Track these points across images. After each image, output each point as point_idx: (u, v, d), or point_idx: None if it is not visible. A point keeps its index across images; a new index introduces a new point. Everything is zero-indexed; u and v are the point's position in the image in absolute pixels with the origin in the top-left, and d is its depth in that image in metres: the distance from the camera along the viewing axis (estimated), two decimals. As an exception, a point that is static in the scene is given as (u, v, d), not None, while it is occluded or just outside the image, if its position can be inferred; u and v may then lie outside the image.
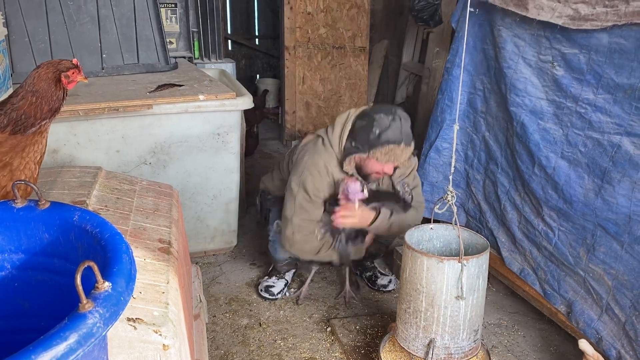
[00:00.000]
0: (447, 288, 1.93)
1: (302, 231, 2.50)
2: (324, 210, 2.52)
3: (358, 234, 2.60)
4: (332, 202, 2.50)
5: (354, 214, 2.44)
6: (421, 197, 2.70)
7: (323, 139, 2.51)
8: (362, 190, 2.40)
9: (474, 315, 1.99)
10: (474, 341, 2.04)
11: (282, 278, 2.91)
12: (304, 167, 2.48)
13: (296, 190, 2.48)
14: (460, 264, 1.89)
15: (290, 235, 2.52)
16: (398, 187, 2.57)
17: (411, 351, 2.08)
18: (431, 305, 1.97)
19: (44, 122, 1.34)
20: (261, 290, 2.86)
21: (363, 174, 2.46)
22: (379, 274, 2.98)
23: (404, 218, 2.54)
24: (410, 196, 2.55)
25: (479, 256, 1.93)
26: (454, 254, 2.16)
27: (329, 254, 2.59)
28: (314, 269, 2.89)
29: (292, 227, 2.50)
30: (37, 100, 1.32)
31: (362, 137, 2.35)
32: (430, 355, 1.99)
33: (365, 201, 2.47)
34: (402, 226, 2.51)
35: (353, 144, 2.39)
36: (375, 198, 2.52)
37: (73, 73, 1.39)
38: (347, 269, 2.86)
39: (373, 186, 2.59)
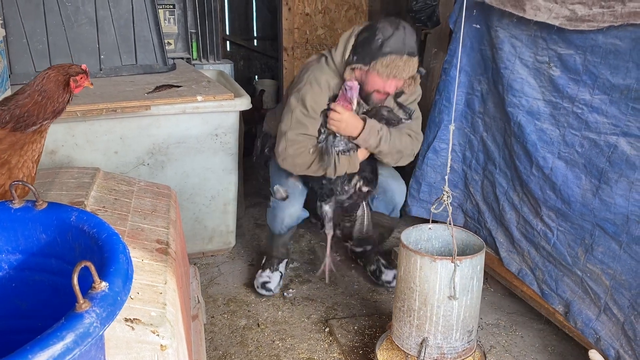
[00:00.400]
0: (439, 287, 1.94)
1: (295, 145, 2.43)
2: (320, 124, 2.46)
3: (350, 146, 2.47)
4: (328, 108, 2.44)
5: (343, 117, 2.36)
6: (419, 131, 2.62)
7: (326, 57, 2.47)
8: (352, 88, 2.31)
9: (467, 316, 2.00)
10: (468, 342, 2.04)
11: (276, 270, 2.88)
12: (305, 82, 2.43)
13: (294, 104, 2.42)
14: (453, 264, 1.90)
15: (283, 149, 2.45)
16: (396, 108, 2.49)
17: (405, 349, 2.09)
18: (424, 304, 1.98)
19: (45, 122, 1.35)
20: (257, 287, 2.84)
21: (364, 95, 2.41)
22: (383, 268, 2.93)
23: (397, 141, 2.49)
24: (407, 116, 2.49)
25: (472, 257, 1.93)
26: (446, 247, 2.18)
27: (321, 168, 2.49)
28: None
29: (285, 142, 2.44)
30: (42, 100, 1.34)
31: (363, 48, 2.30)
32: (422, 354, 2.00)
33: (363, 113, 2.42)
34: (394, 148, 2.48)
35: (354, 57, 2.34)
36: (377, 109, 2.47)
37: (81, 78, 1.42)
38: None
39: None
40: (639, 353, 1.98)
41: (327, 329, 2.59)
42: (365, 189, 2.65)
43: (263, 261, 2.98)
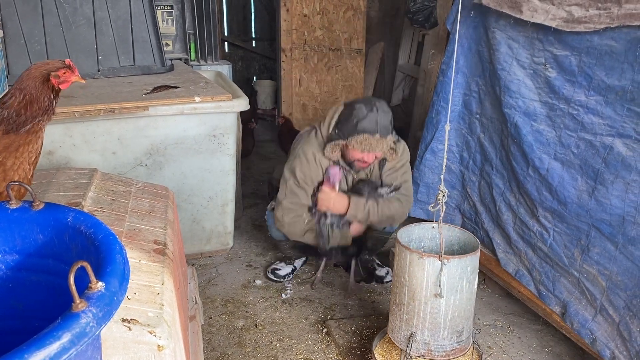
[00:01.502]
0: (427, 284, 1.98)
1: (290, 214, 2.70)
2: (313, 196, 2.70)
3: (342, 221, 2.72)
4: (318, 189, 2.67)
5: (329, 198, 2.61)
6: (410, 192, 2.79)
7: (316, 130, 2.69)
8: (342, 173, 2.55)
9: (456, 316, 2.01)
10: (458, 343, 2.05)
11: (290, 264, 3.08)
12: (295, 155, 2.70)
13: (287, 176, 2.69)
14: (440, 262, 1.93)
15: (280, 216, 2.72)
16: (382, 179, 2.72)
17: (396, 342, 2.13)
18: (412, 299, 2.03)
19: (36, 120, 1.34)
20: (268, 272, 3.04)
21: (348, 162, 2.65)
22: (376, 266, 3.07)
23: (386, 209, 2.67)
24: (389, 189, 2.69)
25: (461, 257, 1.95)
26: (455, 254, 2.18)
27: (311, 237, 2.76)
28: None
29: (282, 210, 2.70)
30: (24, 98, 1.33)
31: (342, 126, 2.54)
32: (409, 348, 2.04)
33: (350, 190, 2.67)
34: (385, 216, 2.68)
35: (336, 131, 2.58)
36: (359, 187, 2.69)
37: (65, 73, 1.38)
38: (353, 262, 2.99)
39: (363, 175, 2.74)
40: (634, 353, 1.98)
41: (324, 330, 2.59)
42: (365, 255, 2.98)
43: (283, 255, 3.15)
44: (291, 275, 3.05)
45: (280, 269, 3.03)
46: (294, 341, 2.51)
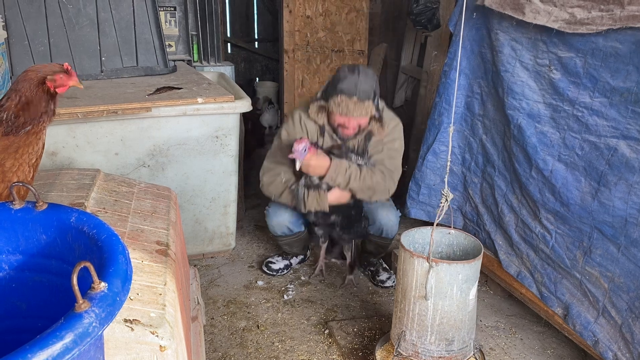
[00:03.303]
0: (416, 284, 2.00)
1: (269, 172, 2.75)
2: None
3: (317, 185, 2.62)
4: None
5: (308, 161, 2.49)
6: (395, 170, 2.72)
7: (314, 96, 2.73)
8: (305, 150, 2.45)
9: (445, 323, 2.00)
10: (447, 351, 2.04)
11: (286, 259, 3.11)
12: (286, 117, 2.75)
13: (276, 137, 2.79)
14: (428, 264, 1.94)
15: (261, 176, 2.78)
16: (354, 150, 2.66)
17: (392, 339, 2.18)
18: (404, 298, 2.07)
19: (35, 122, 1.34)
20: (263, 265, 3.11)
21: (333, 128, 2.65)
22: (381, 270, 3.07)
23: (368, 179, 2.61)
24: (363, 159, 2.64)
25: (450, 262, 1.95)
26: (457, 259, 2.18)
27: (290, 198, 2.71)
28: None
29: (263, 169, 2.78)
30: (20, 100, 1.33)
31: (326, 87, 2.58)
32: (397, 345, 2.09)
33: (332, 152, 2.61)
34: (366, 186, 2.61)
35: (321, 94, 2.61)
36: (334, 152, 2.63)
37: (61, 77, 1.38)
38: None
39: (350, 144, 2.68)
40: (636, 356, 1.98)
41: (326, 331, 2.59)
42: (342, 233, 2.86)
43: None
44: (285, 271, 3.07)
45: (274, 263, 3.08)
46: (295, 342, 2.51)
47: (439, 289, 1.95)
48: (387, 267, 3.10)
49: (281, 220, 2.90)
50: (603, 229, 2.13)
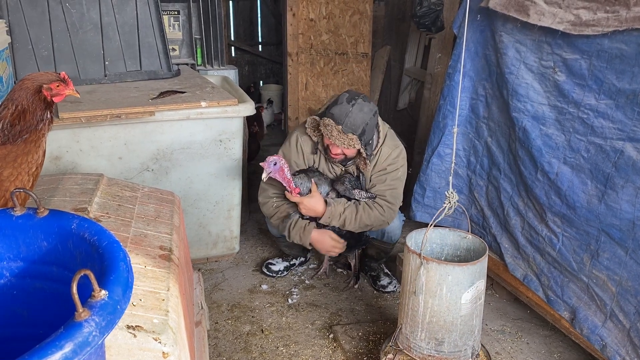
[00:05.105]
0: (409, 279, 2.06)
1: (263, 193, 2.80)
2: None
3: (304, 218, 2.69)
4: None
5: (302, 203, 2.58)
6: (396, 200, 2.72)
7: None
8: (276, 164, 2.51)
9: (434, 322, 2.02)
10: (437, 351, 2.05)
11: (286, 260, 3.13)
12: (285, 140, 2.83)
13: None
14: (420, 261, 1.98)
15: (258, 195, 2.83)
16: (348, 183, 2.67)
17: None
18: (403, 292, 2.14)
19: (32, 130, 1.33)
20: (263, 267, 3.12)
21: (324, 147, 2.67)
22: (382, 275, 3.04)
23: (365, 218, 2.63)
24: (365, 195, 2.65)
25: (439, 262, 1.98)
26: (461, 261, 2.19)
27: (278, 223, 2.77)
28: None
29: (260, 189, 2.81)
30: (16, 109, 1.32)
31: (327, 104, 2.62)
32: (395, 336, 2.18)
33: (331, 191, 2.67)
34: (363, 225, 2.65)
35: (322, 108, 2.65)
36: (340, 179, 2.67)
37: (58, 86, 1.38)
38: (354, 262, 3.03)
39: (351, 170, 2.71)
40: (645, 361, 1.96)
41: (331, 335, 2.58)
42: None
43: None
44: (285, 272, 3.09)
45: (274, 264, 3.10)
46: (300, 347, 2.50)
47: (429, 287, 2.00)
48: (389, 272, 3.06)
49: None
50: (610, 232, 2.11)
